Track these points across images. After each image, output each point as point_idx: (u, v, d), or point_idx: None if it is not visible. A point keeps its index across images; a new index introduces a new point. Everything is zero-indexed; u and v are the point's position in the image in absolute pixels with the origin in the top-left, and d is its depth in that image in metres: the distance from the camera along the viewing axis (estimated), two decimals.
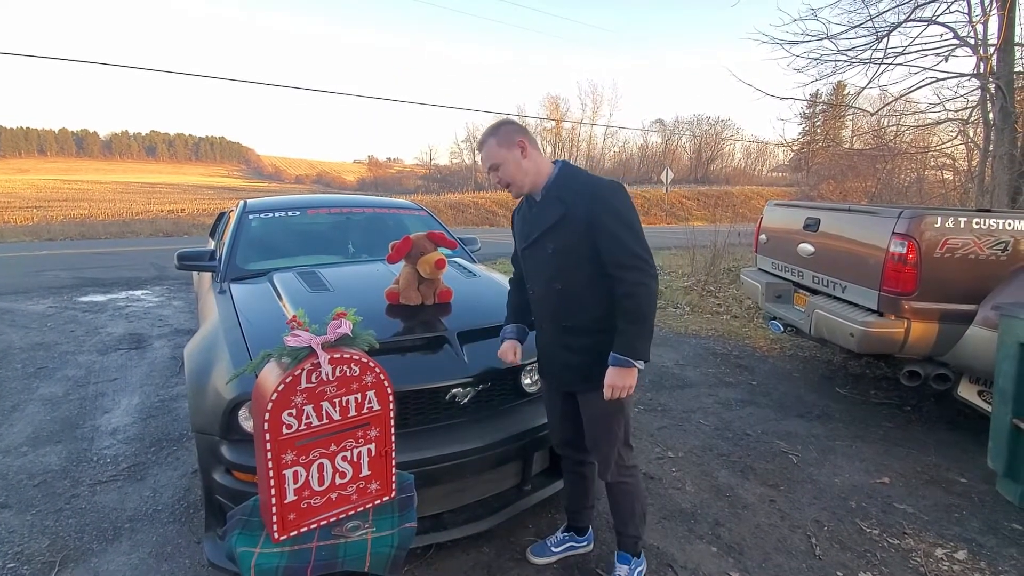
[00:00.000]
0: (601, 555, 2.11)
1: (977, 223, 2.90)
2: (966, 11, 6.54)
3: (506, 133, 1.68)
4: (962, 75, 6.96)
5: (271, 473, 1.27)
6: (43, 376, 3.94)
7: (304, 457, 1.31)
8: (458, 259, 3.17)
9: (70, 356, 4.41)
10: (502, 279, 2.92)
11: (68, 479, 2.60)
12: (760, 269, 4.51)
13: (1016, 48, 6.50)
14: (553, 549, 2.06)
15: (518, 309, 2.00)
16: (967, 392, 3.04)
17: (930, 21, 6.60)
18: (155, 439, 3.01)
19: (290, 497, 1.31)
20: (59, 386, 3.76)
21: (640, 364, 1.59)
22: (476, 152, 1.70)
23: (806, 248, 3.73)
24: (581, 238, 1.61)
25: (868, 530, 2.32)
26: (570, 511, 2.10)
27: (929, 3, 6.47)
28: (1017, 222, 2.91)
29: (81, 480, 2.59)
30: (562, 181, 1.68)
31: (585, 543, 2.11)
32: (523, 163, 1.67)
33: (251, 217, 3.32)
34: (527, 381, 2.20)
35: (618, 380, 1.59)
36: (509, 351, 1.92)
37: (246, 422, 1.77)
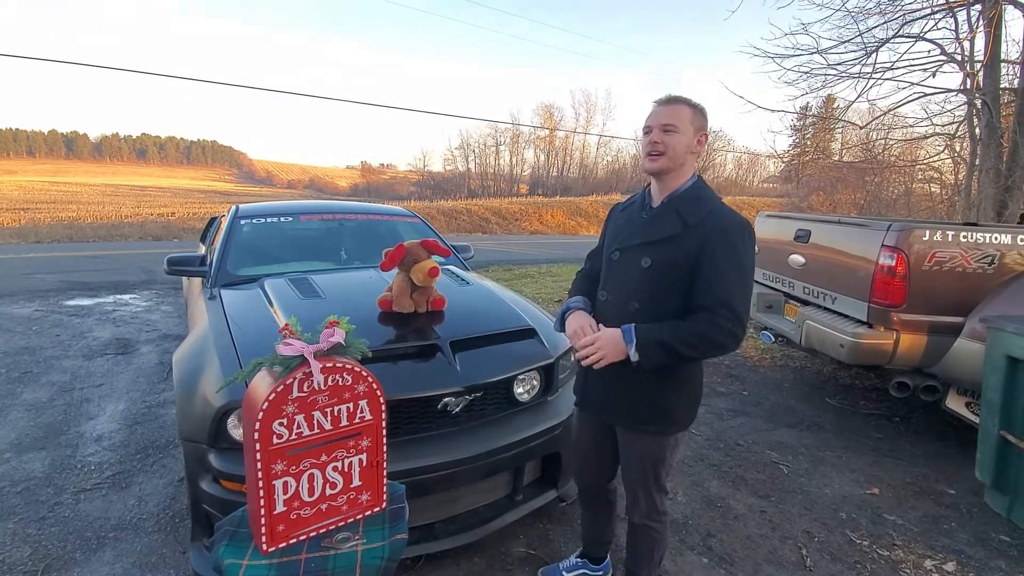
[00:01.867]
0: None
1: (964, 236, 2.94)
2: (953, 28, 6.67)
3: (701, 118, 1.51)
4: (949, 90, 7.10)
5: (260, 483, 1.25)
6: (27, 381, 3.88)
7: (294, 467, 1.29)
8: (451, 267, 3.17)
9: (55, 361, 4.34)
10: (495, 287, 2.92)
11: (51, 486, 2.55)
12: None
13: (1002, 64, 6.63)
14: (565, 574, 1.98)
15: (585, 289, 1.76)
16: (955, 404, 3.07)
17: (918, 37, 6.72)
18: (141, 446, 2.96)
19: (279, 508, 1.29)
20: (44, 391, 3.70)
21: (635, 356, 1.43)
22: (655, 103, 1.53)
23: (797, 259, 3.76)
24: (684, 265, 1.45)
25: (858, 541, 2.33)
26: (586, 540, 2.00)
27: (917, 20, 6.59)
28: (1003, 236, 2.96)
29: (65, 488, 2.55)
30: (691, 197, 1.50)
31: (600, 572, 1.99)
32: (690, 154, 1.51)
33: (243, 222, 3.29)
34: (519, 390, 2.19)
35: (606, 342, 1.45)
36: (585, 324, 1.58)
37: (235, 430, 1.75)
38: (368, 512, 1.44)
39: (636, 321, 1.49)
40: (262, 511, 1.26)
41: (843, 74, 7.10)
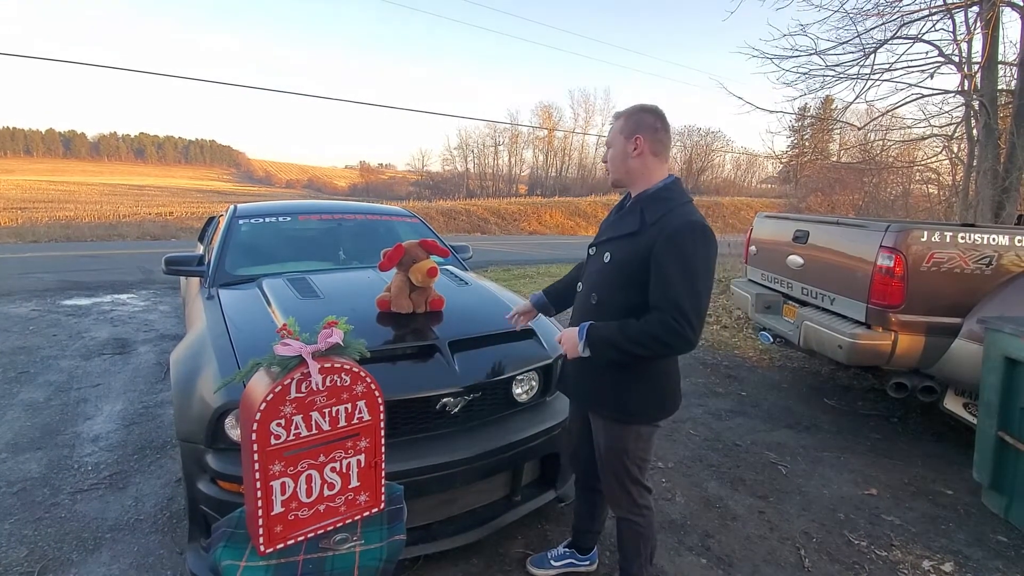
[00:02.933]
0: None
1: (962, 238, 2.94)
2: (951, 29, 6.69)
3: (633, 123, 1.55)
4: (947, 92, 7.13)
5: (258, 484, 1.25)
6: (24, 381, 3.87)
7: (292, 468, 1.29)
8: (450, 267, 3.16)
9: (52, 361, 4.33)
10: (494, 287, 2.92)
11: (48, 487, 2.54)
12: (750, 280, 4.54)
13: (999, 66, 6.65)
14: (553, 563, 2.03)
15: (559, 292, 1.99)
16: (953, 404, 3.08)
17: (916, 39, 6.74)
18: (138, 447, 2.95)
19: (277, 509, 1.29)
20: (40, 391, 3.69)
21: (585, 353, 1.54)
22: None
23: (795, 260, 3.76)
24: (637, 262, 1.50)
25: (856, 542, 2.33)
26: (575, 529, 2.06)
27: (915, 21, 6.62)
28: (1001, 237, 2.96)
29: (61, 488, 2.54)
30: (656, 199, 1.54)
31: (587, 563, 2.06)
32: (630, 160, 1.56)
33: (241, 222, 3.29)
34: (518, 391, 2.19)
35: (566, 338, 1.60)
36: (517, 312, 1.98)
37: (232, 430, 1.75)
38: (366, 513, 1.44)
39: (594, 312, 1.62)
40: (260, 512, 1.26)
41: (841, 75, 7.14)
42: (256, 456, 1.23)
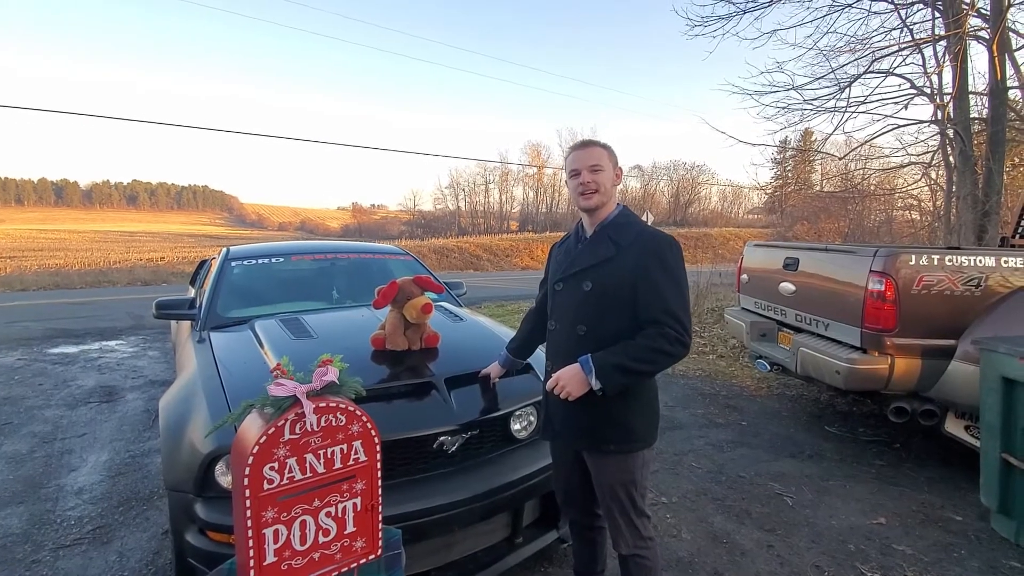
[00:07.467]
0: None
1: (949, 260, 2.98)
2: (921, 64, 6.97)
3: (614, 154, 1.67)
4: (921, 122, 7.36)
5: (250, 532, 1.20)
6: (7, 432, 3.75)
7: (286, 514, 1.24)
8: (444, 303, 3.15)
9: (37, 411, 4.22)
10: (489, 323, 2.90)
11: (29, 543, 2.44)
12: (743, 308, 4.56)
13: (970, 96, 6.90)
14: None
15: (521, 341, 2.04)
16: (954, 427, 3.06)
17: (887, 73, 7.01)
18: (124, 498, 2.85)
19: (270, 559, 1.23)
20: (24, 443, 3.58)
21: (596, 385, 1.49)
22: (567, 150, 1.70)
23: (787, 287, 3.79)
24: (622, 284, 1.54)
25: (869, 574, 2.26)
26: (578, 573, 1.98)
27: (886, 56, 6.89)
28: (987, 259, 3.01)
29: (43, 544, 2.43)
30: (619, 224, 1.63)
31: None
32: (614, 187, 1.66)
33: (233, 264, 3.27)
34: (516, 427, 2.14)
35: (567, 378, 1.53)
36: (489, 374, 2.08)
37: (223, 477, 1.69)
38: (363, 560, 1.38)
39: (584, 344, 1.58)
40: (251, 562, 1.21)
41: (819, 109, 7.37)
42: (248, 503, 1.19)
